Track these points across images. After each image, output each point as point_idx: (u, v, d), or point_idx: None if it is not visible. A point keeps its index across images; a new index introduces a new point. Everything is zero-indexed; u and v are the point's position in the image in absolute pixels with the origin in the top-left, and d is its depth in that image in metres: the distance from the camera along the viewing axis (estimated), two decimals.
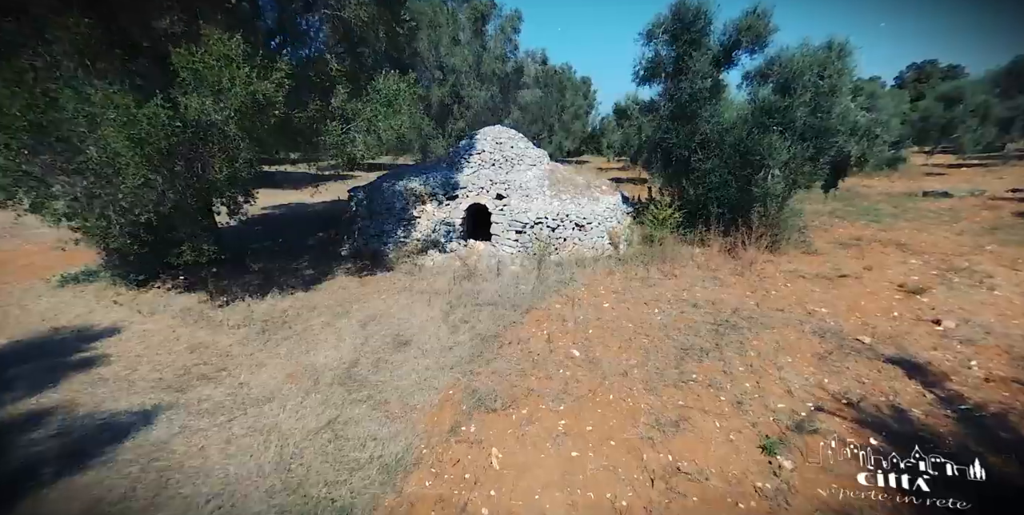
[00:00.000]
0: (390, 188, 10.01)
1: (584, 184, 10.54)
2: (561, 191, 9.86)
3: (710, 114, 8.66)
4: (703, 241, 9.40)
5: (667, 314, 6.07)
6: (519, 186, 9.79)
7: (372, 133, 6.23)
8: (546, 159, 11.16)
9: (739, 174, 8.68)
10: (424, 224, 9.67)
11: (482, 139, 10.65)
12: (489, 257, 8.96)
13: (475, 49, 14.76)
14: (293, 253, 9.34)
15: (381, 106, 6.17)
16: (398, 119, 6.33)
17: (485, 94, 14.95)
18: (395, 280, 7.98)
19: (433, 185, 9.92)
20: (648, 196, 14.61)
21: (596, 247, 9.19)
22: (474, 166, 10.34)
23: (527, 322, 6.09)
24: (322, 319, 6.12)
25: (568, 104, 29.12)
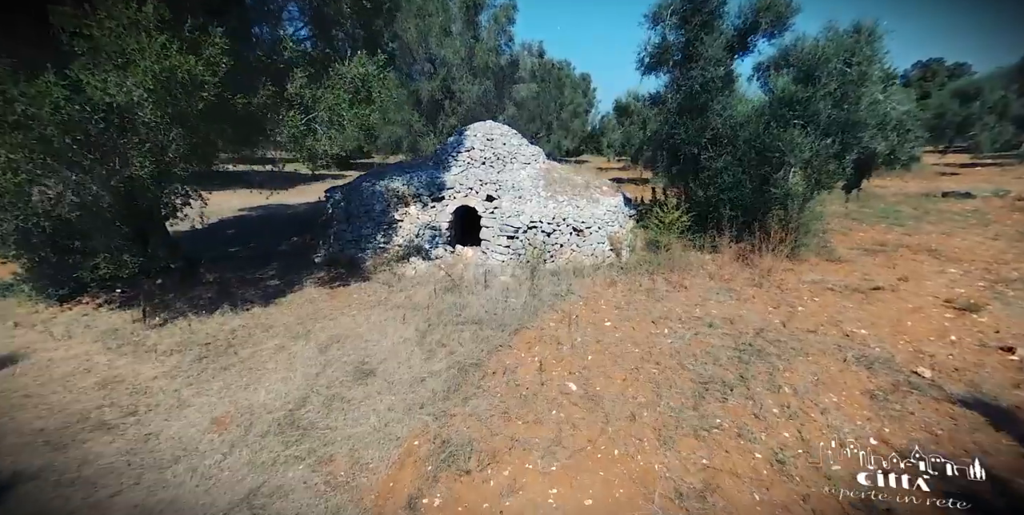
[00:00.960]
0: (370, 189, 9.12)
1: (583, 184, 9.66)
2: (557, 192, 8.98)
3: (722, 107, 7.78)
4: (714, 247, 8.52)
5: (679, 336, 5.18)
6: (511, 187, 8.91)
7: (336, 125, 5.34)
8: (542, 157, 10.29)
9: (754, 173, 7.81)
10: (407, 228, 8.79)
11: (472, 135, 9.77)
12: (477, 266, 8.07)
13: (467, 40, 13.88)
14: (261, 260, 8.45)
15: (345, 93, 5.28)
16: (366, 109, 5.44)
17: (478, 88, 14.06)
18: (370, 292, 7.09)
19: (417, 185, 9.05)
20: (652, 197, 13.77)
21: (596, 254, 8.32)
22: (462, 165, 9.47)
23: (516, 345, 5.21)
24: (276, 342, 5.23)
25: (567, 102, 28.24)
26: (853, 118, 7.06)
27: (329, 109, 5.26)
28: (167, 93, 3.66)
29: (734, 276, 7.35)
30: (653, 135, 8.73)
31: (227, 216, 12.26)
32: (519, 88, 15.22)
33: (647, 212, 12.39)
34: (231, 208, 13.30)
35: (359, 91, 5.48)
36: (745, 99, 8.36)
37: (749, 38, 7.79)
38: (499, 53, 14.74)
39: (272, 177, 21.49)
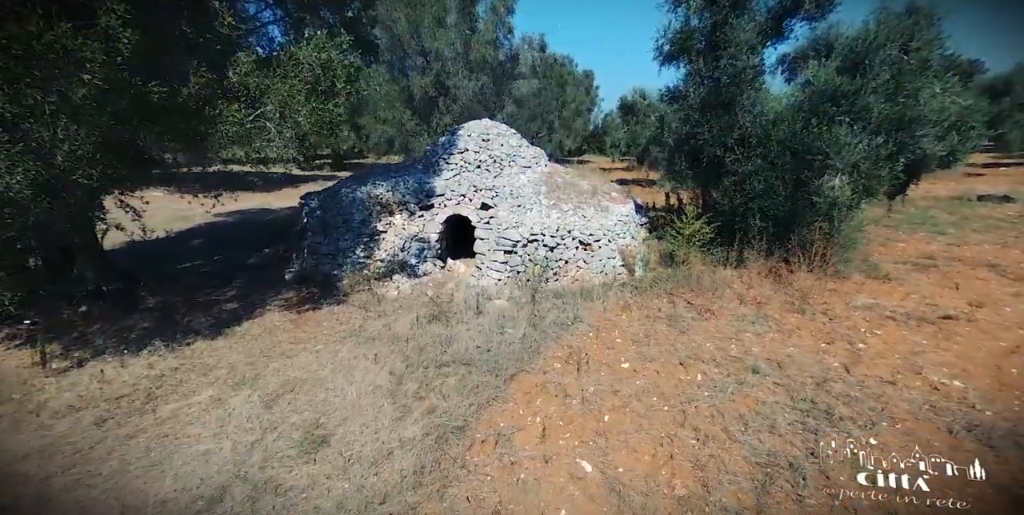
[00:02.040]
0: (350, 195, 8.08)
1: (589, 190, 8.61)
2: (561, 199, 7.92)
3: (751, 102, 6.71)
4: (740, 262, 7.46)
5: (718, 387, 4.13)
6: (509, 193, 7.86)
7: (289, 121, 4.30)
8: (543, 160, 9.23)
9: (789, 178, 6.74)
10: (391, 241, 7.74)
11: (465, 135, 8.73)
12: (469, 286, 7.02)
13: (463, 32, 12.84)
14: (223, 277, 7.40)
15: (302, 83, 4.23)
16: (327, 103, 4.39)
17: (474, 84, 13.03)
18: (343, 318, 6.05)
19: (403, 192, 8.01)
20: (666, 203, 12.71)
21: (605, 271, 7.25)
22: (455, 168, 8.42)
23: (513, 396, 4.16)
24: (212, 392, 4.18)
25: (569, 100, 27.18)
26: (910, 114, 6.00)
27: (282, 103, 4.21)
28: (26, 74, 2.65)
29: (769, 299, 6.29)
30: (670, 135, 7.64)
31: (199, 223, 11.23)
32: (519, 84, 14.18)
33: (660, 220, 11.33)
34: (207, 213, 12.25)
35: (319, 81, 4.43)
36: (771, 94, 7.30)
37: (785, 22, 6.72)
38: (497, 46, 13.71)
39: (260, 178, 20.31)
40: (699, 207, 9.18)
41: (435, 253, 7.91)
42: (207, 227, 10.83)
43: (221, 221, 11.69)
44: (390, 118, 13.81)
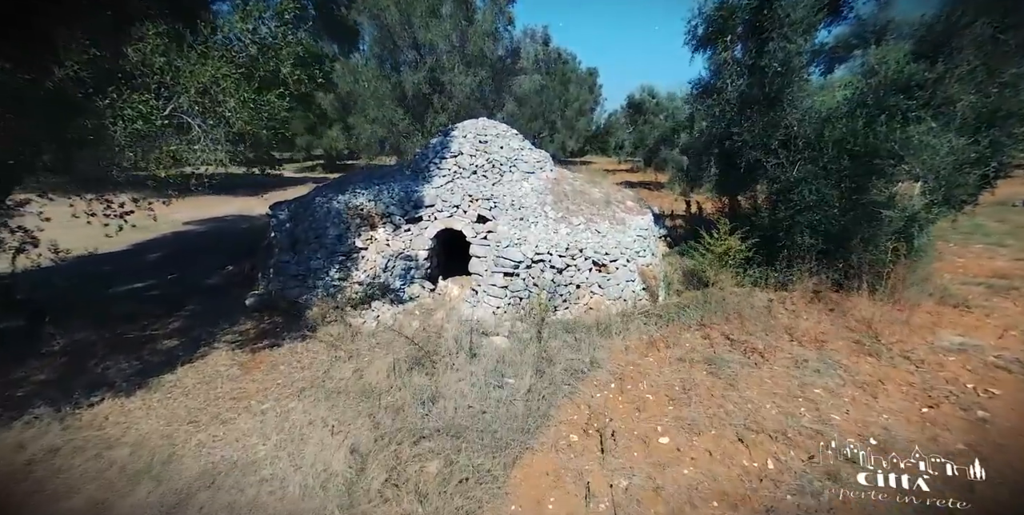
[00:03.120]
0: (324, 206, 6.94)
1: (602, 200, 7.47)
2: (571, 212, 6.77)
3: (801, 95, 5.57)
4: (782, 284, 6.32)
5: (804, 487, 2.96)
6: (510, 204, 6.72)
7: (216, 119, 3.16)
8: (548, 164, 8.09)
9: (847, 187, 5.60)
10: (371, 259, 6.60)
11: (460, 137, 7.60)
12: (463, 316, 5.86)
13: (459, 23, 11.73)
14: (171, 302, 6.27)
15: (230, 65, 3.10)
16: (265, 93, 3.26)
17: (472, 80, 11.90)
18: (306, 359, 4.91)
19: (388, 202, 6.87)
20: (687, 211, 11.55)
21: (624, 297, 6.09)
22: (447, 175, 7.29)
23: (515, 491, 3.02)
24: (93, 489, 3.02)
25: (572, 99, 26.06)
26: (1006, 107, 4.85)
27: (200, 91, 3.08)
28: None
29: (826, 334, 5.14)
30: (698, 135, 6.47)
31: (165, 233, 10.08)
32: (520, 81, 13.06)
33: (679, 230, 10.16)
34: (176, 221, 11.13)
35: (257, 64, 3.29)
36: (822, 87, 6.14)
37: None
38: (497, 39, 12.58)
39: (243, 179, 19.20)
40: (725, 215, 8.04)
41: (423, 273, 6.77)
42: (172, 238, 9.68)
43: (190, 230, 10.55)
44: (380, 117, 12.67)
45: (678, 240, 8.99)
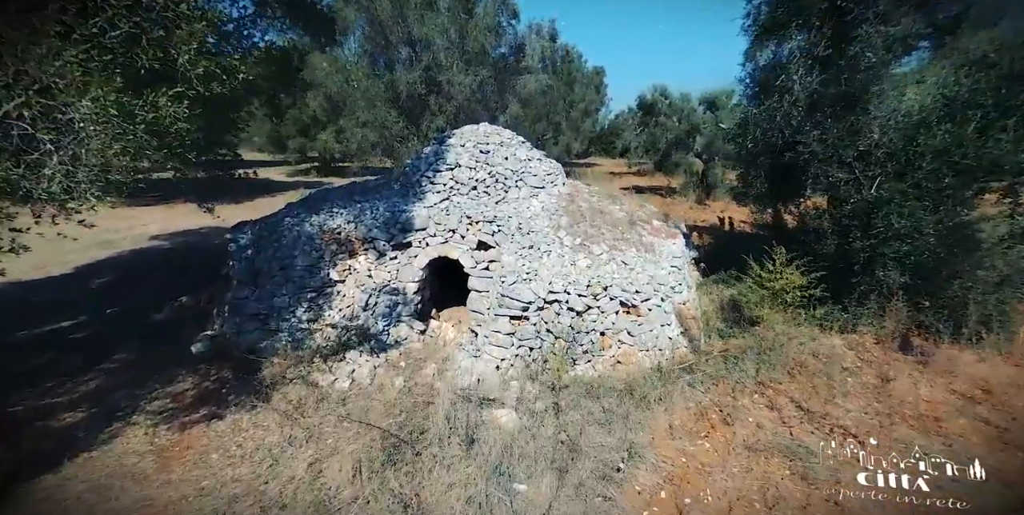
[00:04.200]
0: (295, 228, 5.79)
1: (625, 220, 6.30)
2: (590, 236, 5.60)
3: (891, 95, 4.39)
4: (853, 326, 5.16)
5: None
6: (517, 228, 5.55)
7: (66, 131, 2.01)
8: (560, 177, 6.92)
9: (948, 209, 4.43)
10: (349, 295, 5.44)
11: (457, 145, 6.45)
12: (459, 371, 4.70)
13: (457, 17, 10.57)
14: (97, 348, 5.11)
15: (79, 52, 1.95)
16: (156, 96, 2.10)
17: (472, 80, 10.76)
18: (248, 446, 3.75)
19: (371, 224, 5.72)
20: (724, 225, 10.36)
21: (659, 345, 4.91)
22: (442, 191, 6.14)
23: None
24: None
25: (578, 99, 24.89)
26: None
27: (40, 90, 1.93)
28: None
29: (935, 405, 3.97)
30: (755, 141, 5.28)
31: (123, 250, 8.92)
32: (526, 80, 11.89)
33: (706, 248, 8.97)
34: (142, 235, 10.00)
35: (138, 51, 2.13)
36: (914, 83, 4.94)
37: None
38: (499, 34, 11.42)
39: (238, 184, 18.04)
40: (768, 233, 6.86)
41: (412, 310, 5.61)
42: (129, 257, 8.52)
43: (154, 247, 9.39)
44: (372, 120, 11.51)
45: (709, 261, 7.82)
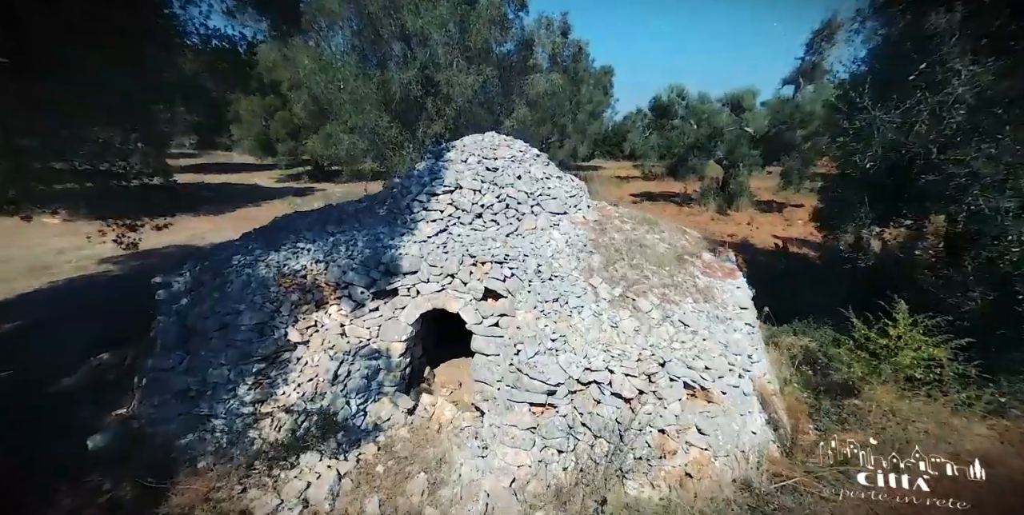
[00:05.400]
0: (245, 270, 4.43)
1: (670, 254, 4.94)
2: (632, 283, 4.22)
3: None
4: (1003, 408, 3.80)
5: None
6: (535, 271, 4.19)
7: None
8: (584, 199, 5.57)
9: None
10: (313, 363, 4.07)
11: (457, 160, 5.11)
12: (461, 483, 3.32)
13: (458, 8, 9.27)
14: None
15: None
16: None
17: (474, 80, 9.45)
18: None
19: (346, 264, 4.37)
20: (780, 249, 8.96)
21: (740, 444, 3.51)
22: (438, 219, 4.80)
23: None
24: None
25: (585, 100, 23.60)
26: None
27: None
28: None
29: None
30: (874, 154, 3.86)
31: (59, 279, 7.52)
32: (535, 80, 10.55)
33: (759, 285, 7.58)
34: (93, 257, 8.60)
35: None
36: None
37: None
38: (505, 28, 10.08)
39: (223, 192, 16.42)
40: (860, 275, 5.47)
41: (396, 380, 4.25)
42: (64, 288, 7.12)
43: (102, 273, 7.99)
44: (361, 125, 10.17)
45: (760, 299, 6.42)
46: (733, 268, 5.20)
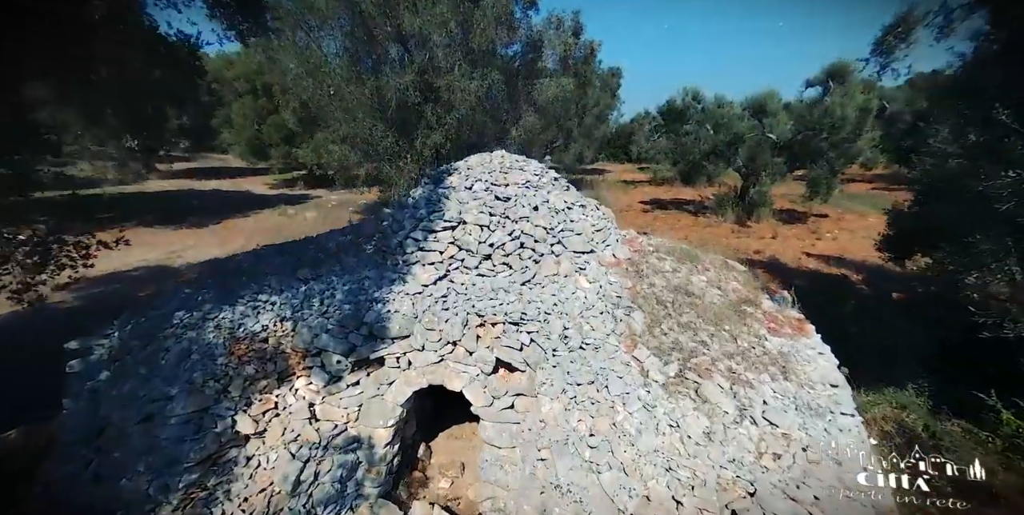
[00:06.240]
0: (185, 335, 3.41)
1: (725, 305, 3.91)
2: (689, 354, 3.18)
3: None
4: None
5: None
6: (561, 335, 3.16)
7: None
8: (613, 231, 4.53)
9: None
10: (271, 461, 3.06)
11: (460, 187, 4.11)
12: None
13: (460, 5, 8.32)
14: None
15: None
16: None
17: (478, 85, 8.48)
18: None
19: (318, 324, 3.36)
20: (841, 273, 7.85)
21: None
22: (437, 263, 3.79)
23: None
24: None
25: (591, 103, 22.64)
26: None
27: None
28: None
29: None
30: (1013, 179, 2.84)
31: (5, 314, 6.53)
32: (544, 85, 9.55)
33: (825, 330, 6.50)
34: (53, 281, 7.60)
35: None
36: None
37: None
38: (513, 28, 9.13)
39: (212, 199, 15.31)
40: None
41: (380, 479, 3.23)
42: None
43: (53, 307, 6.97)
44: (352, 135, 9.20)
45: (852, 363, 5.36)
46: (801, 318, 4.17)
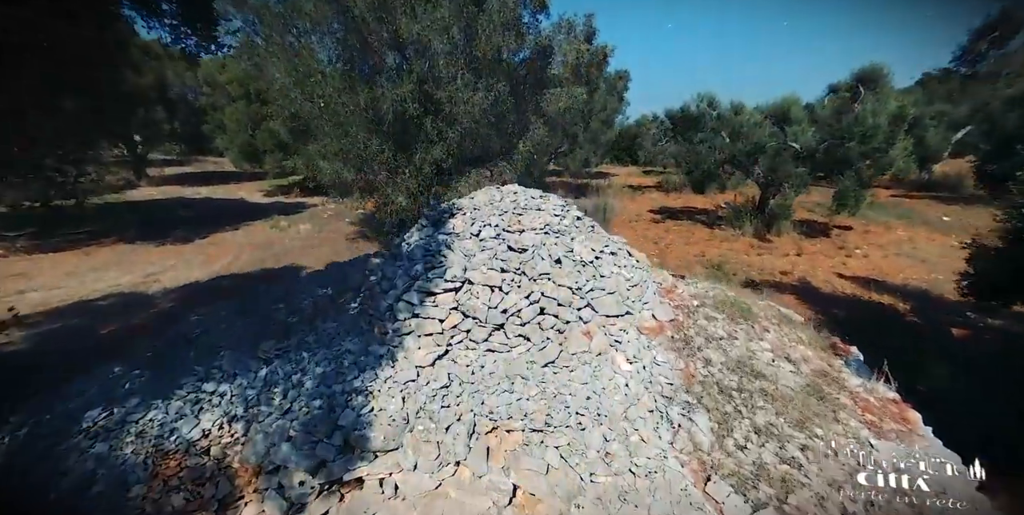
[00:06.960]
0: (93, 447, 2.61)
1: (801, 387, 3.06)
2: (776, 484, 2.34)
3: None
4: None
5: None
6: (600, 452, 2.31)
7: None
8: (651, 287, 3.69)
9: None
10: None
11: (464, 234, 3.29)
12: None
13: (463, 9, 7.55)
14: None
15: None
16: None
17: (483, 96, 7.70)
18: None
19: (277, 429, 2.52)
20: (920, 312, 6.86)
21: None
22: (436, 337, 2.95)
23: None
24: None
25: (598, 107, 21.84)
26: None
27: None
28: None
29: None
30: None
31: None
32: (554, 95, 8.74)
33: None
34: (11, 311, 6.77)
35: None
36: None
37: None
38: (520, 34, 8.33)
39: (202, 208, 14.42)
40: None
41: None
42: None
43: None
44: (345, 150, 8.41)
45: None
46: (898, 401, 3.31)
